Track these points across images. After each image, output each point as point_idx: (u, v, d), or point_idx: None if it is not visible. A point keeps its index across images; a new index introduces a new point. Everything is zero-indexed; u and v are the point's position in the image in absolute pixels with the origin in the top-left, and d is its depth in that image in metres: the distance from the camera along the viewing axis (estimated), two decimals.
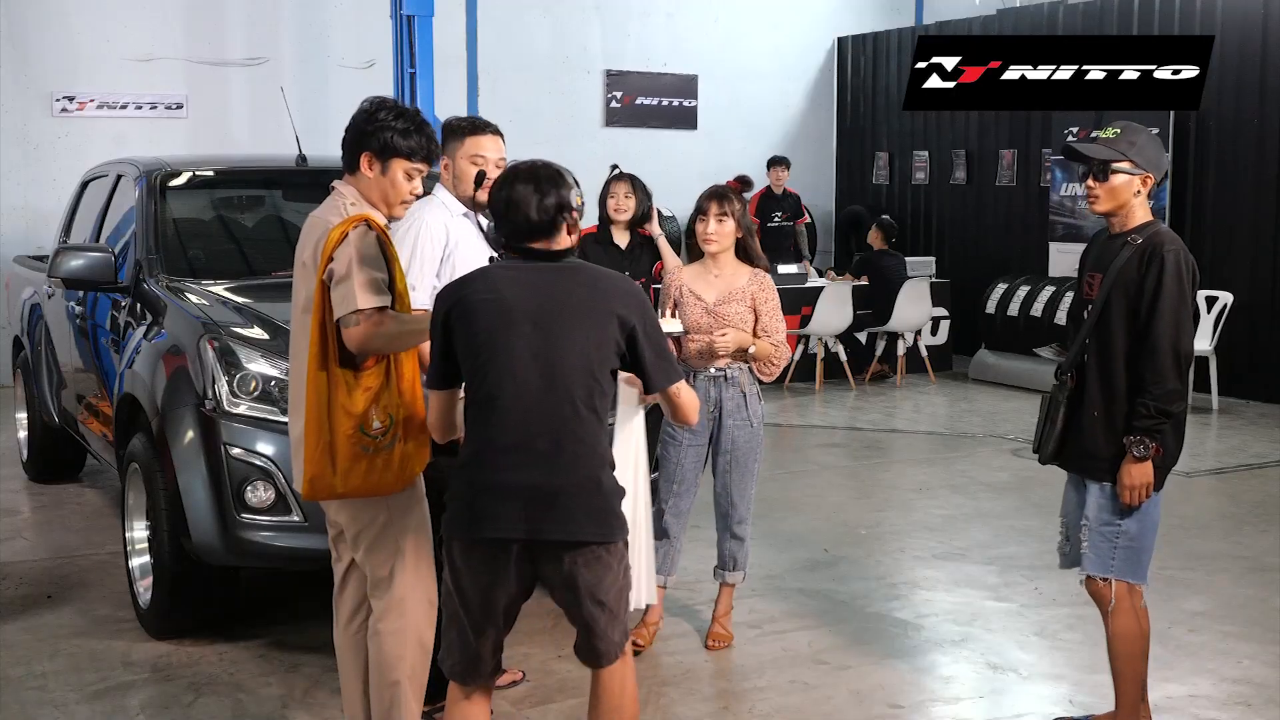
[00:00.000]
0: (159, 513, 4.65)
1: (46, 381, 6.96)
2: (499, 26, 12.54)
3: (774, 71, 14.15)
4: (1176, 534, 6.45)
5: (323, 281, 3.29)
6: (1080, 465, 3.85)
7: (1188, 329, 3.65)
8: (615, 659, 3.12)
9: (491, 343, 2.98)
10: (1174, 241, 3.67)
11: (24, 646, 4.79)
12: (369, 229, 3.31)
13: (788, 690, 4.45)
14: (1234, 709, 4.30)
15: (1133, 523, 3.75)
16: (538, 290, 3.00)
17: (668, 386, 3.10)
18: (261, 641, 4.81)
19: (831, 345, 10.89)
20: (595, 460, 3.00)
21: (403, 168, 3.43)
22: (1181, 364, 3.64)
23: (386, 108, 3.45)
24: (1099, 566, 3.79)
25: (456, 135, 4.02)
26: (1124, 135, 3.73)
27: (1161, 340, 3.61)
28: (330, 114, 11.07)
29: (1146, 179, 3.71)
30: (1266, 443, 8.73)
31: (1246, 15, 10.30)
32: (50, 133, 10.84)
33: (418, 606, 3.47)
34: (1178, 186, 10.70)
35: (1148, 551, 3.81)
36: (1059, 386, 3.85)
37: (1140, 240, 3.68)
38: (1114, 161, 3.69)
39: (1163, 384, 3.62)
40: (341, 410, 3.29)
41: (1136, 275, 3.65)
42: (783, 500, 6.99)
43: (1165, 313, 3.60)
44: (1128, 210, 3.73)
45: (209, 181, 6.28)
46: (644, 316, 3.04)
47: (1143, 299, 3.63)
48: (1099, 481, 3.78)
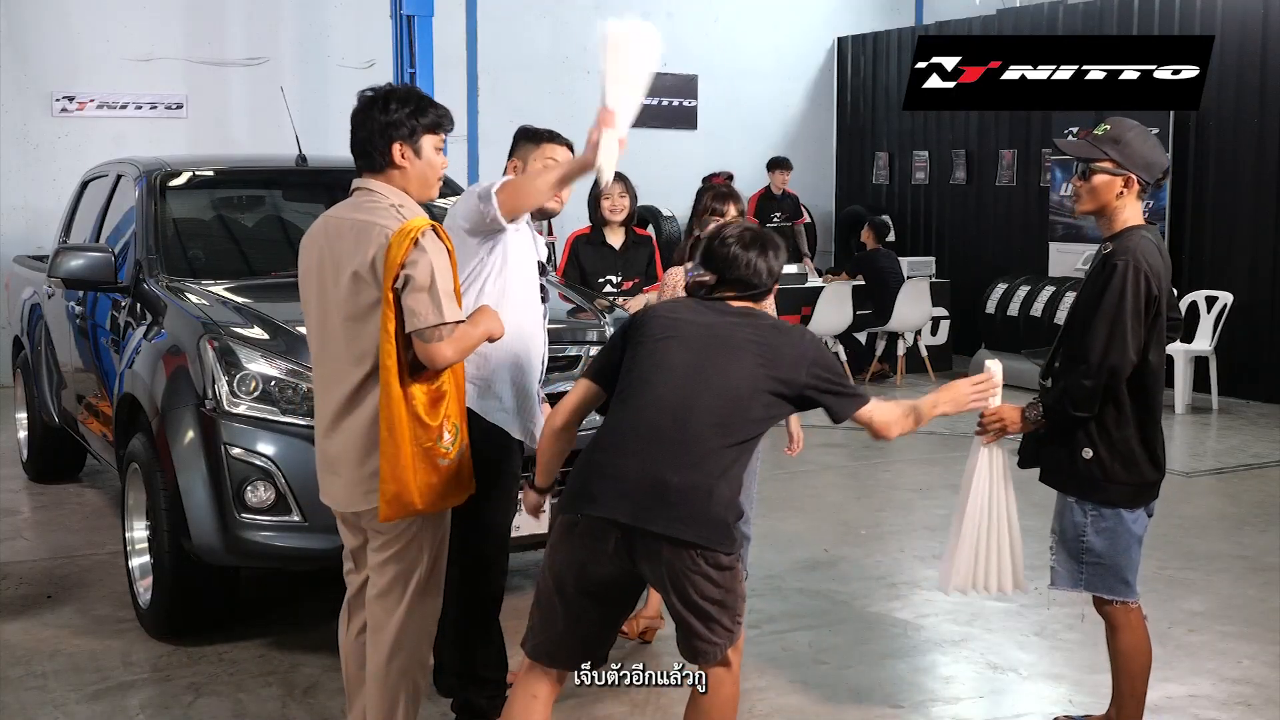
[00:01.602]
0: (159, 513, 4.65)
1: (46, 381, 6.96)
2: (499, 26, 12.54)
3: (774, 71, 14.14)
4: (1176, 534, 6.46)
5: (394, 290, 3.17)
6: (1050, 477, 3.75)
7: (1121, 342, 3.46)
8: (713, 661, 3.12)
9: (654, 350, 3.14)
10: (1130, 251, 3.50)
11: (24, 646, 4.79)
12: (437, 236, 3.24)
13: (788, 690, 4.45)
14: (1234, 709, 4.29)
15: (1099, 539, 3.64)
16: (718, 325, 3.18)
17: (853, 414, 3.27)
18: (261, 641, 4.81)
19: (831, 345, 10.89)
20: (717, 472, 3.04)
21: (433, 143, 3.40)
22: (1103, 375, 3.47)
23: (392, 95, 3.38)
24: (1066, 581, 3.71)
25: (533, 141, 4.08)
26: (1111, 132, 3.59)
27: (1088, 348, 3.48)
28: (330, 114, 11.12)
29: (1130, 180, 3.55)
30: (1266, 443, 8.73)
31: (1246, 15, 10.30)
32: (50, 133, 10.83)
33: (423, 622, 3.42)
34: (1178, 186, 10.70)
35: (1127, 569, 3.66)
36: (1041, 392, 3.76)
37: (1110, 248, 3.57)
38: (1095, 160, 3.56)
39: (1077, 380, 3.50)
40: (418, 424, 3.23)
41: (1094, 282, 3.56)
42: (783, 500, 6.99)
43: (1099, 322, 3.47)
44: (1112, 212, 3.60)
45: (209, 181, 6.28)
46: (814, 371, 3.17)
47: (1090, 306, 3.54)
48: (1066, 495, 3.70)
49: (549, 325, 4.11)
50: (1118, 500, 3.61)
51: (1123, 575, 3.66)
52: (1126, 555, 3.65)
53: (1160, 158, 3.62)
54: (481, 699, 3.96)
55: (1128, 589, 3.68)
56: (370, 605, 3.44)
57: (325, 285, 3.32)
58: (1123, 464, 3.59)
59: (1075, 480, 3.64)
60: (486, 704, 3.96)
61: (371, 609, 3.43)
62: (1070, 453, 3.62)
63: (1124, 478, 3.59)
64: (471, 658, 3.94)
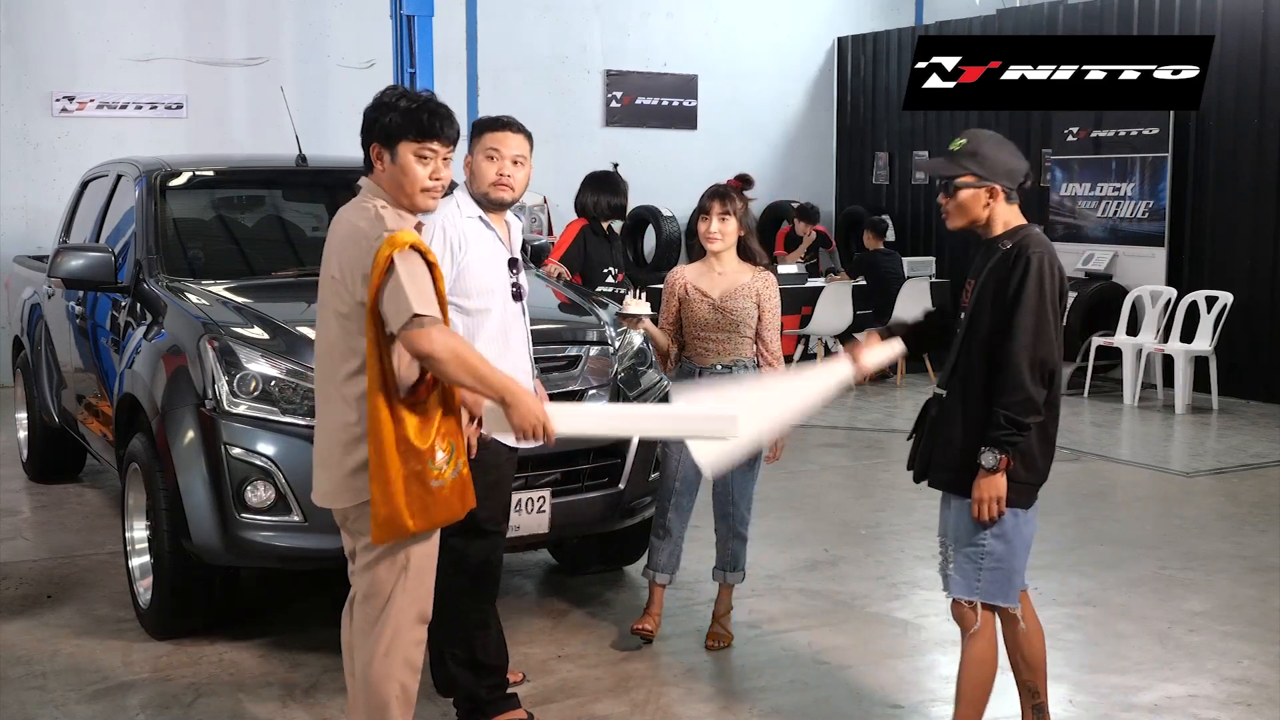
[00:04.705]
0: (159, 513, 4.65)
1: (46, 381, 6.96)
2: (499, 26, 12.54)
3: (774, 71, 14.15)
4: (1176, 534, 6.46)
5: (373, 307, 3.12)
6: (943, 479, 3.60)
7: (1047, 337, 3.39)
8: None
9: None
10: (1040, 245, 3.47)
11: (24, 646, 4.79)
12: (418, 252, 3.16)
13: (788, 690, 4.45)
14: (1234, 709, 4.29)
15: (998, 543, 3.48)
16: None
17: None
18: (261, 641, 4.81)
19: (831, 345, 10.88)
20: None
21: (410, 150, 3.25)
22: (1039, 372, 3.38)
23: (389, 96, 3.32)
24: (963, 589, 3.55)
25: (476, 132, 4.01)
26: (968, 146, 3.54)
27: (1018, 347, 3.37)
28: (330, 114, 11.16)
29: (995, 190, 3.49)
30: (1266, 443, 8.73)
31: (1246, 15, 10.30)
32: (50, 133, 10.84)
33: (410, 626, 3.37)
34: (1178, 186, 10.71)
35: (1018, 573, 3.56)
36: (932, 399, 3.66)
37: (1010, 245, 3.49)
38: (957, 177, 3.52)
39: (1016, 392, 3.36)
40: (409, 449, 3.16)
41: (1004, 281, 3.44)
42: (783, 500, 6.99)
43: (1024, 318, 3.37)
44: (987, 222, 3.53)
45: (209, 181, 6.28)
46: None
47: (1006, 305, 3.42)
48: (961, 497, 3.52)
49: (548, 325, 4.11)
50: (1017, 500, 3.47)
51: (1014, 581, 3.55)
52: (1022, 558, 3.55)
53: (1019, 163, 3.55)
54: (481, 690, 3.97)
55: (1014, 596, 3.56)
56: (356, 609, 3.41)
57: (325, 279, 3.35)
58: (1023, 463, 3.45)
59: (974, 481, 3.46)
60: (486, 695, 3.97)
61: (357, 613, 3.41)
62: (964, 453, 3.48)
63: (1024, 477, 3.47)
64: (471, 645, 3.95)
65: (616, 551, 5.61)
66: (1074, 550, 6.15)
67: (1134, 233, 10.93)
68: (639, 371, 5.13)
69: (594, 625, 5.07)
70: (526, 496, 4.48)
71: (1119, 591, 5.53)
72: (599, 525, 4.93)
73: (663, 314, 4.78)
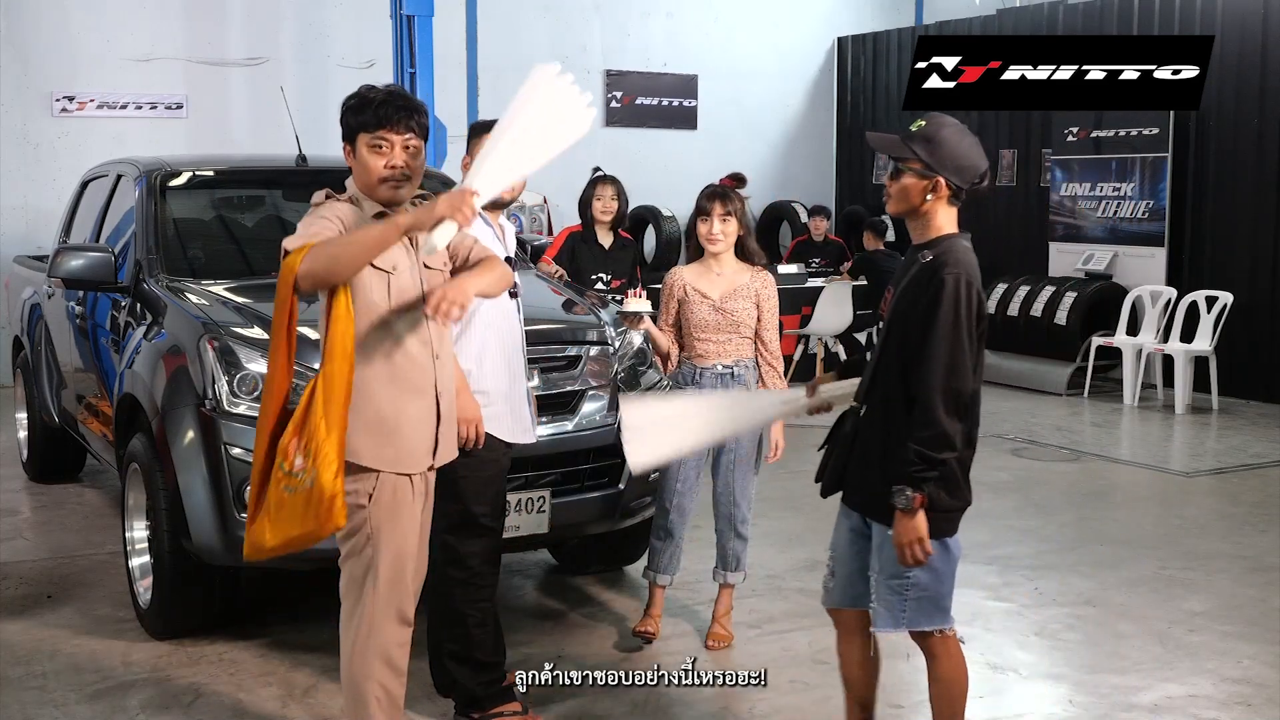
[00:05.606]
0: (159, 513, 4.65)
1: (46, 381, 6.96)
2: (499, 26, 12.54)
3: (774, 71, 14.15)
4: (1176, 534, 6.46)
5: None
6: (859, 501, 3.42)
7: (962, 365, 3.13)
8: None
9: None
10: (959, 264, 3.17)
11: (24, 646, 4.79)
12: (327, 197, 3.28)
13: (788, 690, 4.45)
14: (1234, 709, 4.29)
15: (924, 574, 3.27)
16: None
17: None
18: (261, 641, 4.81)
19: (831, 345, 10.88)
20: None
21: (365, 142, 3.32)
22: (954, 404, 3.13)
23: (354, 93, 3.39)
24: (888, 622, 3.36)
25: (474, 134, 4.07)
26: (926, 129, 3.23)
27: (930, 376, 3.12)
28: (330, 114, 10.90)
29: (938, 183, 3.21)
30: (1266, 443, 8.73)
31: (1246, 15, 10.30)
32: (50, 133, 10.84)
33: (387, 624, 3.37)
34: (1178, 187, 10.70)
35: (947, 596, 3.36)
36: (850, 411, 3.45)
37: (930, 257, 3.22)
38: (903, 159, 3.24)
39: (928, 427, 3.12)
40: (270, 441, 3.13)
41: (916, 302, 3.20)
42: (783, 500, 6.98)
43: (936, 347, 3.12)
44: (923, 216, 3.26)
45: (209, 181, 6.27)
46: None
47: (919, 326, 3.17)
48: (884, 525, 3.27)
49: (548, 325, 4.11)
50: (944, 528, 3.28)
51: (942, 604, 3.37)
52: (949, 583, 3.37)
53: (977, 160, 3.25)
54: (477, 686, 3.97)
55: (945, 616, 3.38)
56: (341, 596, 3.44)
57: None
58: (947, 489, 3.26)
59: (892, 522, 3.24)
60: (483, 692, 3.97)
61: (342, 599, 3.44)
62: (886, 476, 3.23)
63: (947, 504, 3.27)
64: (468, 642, 3.95)
65: (616, 552, 5.61)
66: (1074, 550, 6.15)
67: (1134, 233, 10.92)
68: (639, 371, 5.13)
69: (594, 625, 5.07)
70: (526, 496, 4.48)
71: (1119, 591, 5.53)
72: (599, 525, 4.92)
73: (662, 315, 4.78)
